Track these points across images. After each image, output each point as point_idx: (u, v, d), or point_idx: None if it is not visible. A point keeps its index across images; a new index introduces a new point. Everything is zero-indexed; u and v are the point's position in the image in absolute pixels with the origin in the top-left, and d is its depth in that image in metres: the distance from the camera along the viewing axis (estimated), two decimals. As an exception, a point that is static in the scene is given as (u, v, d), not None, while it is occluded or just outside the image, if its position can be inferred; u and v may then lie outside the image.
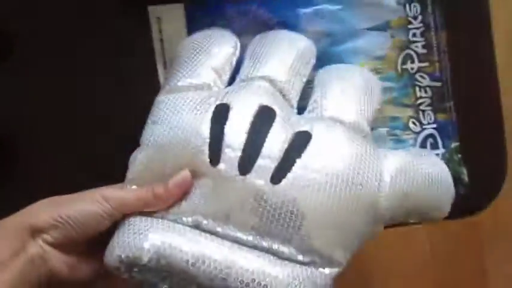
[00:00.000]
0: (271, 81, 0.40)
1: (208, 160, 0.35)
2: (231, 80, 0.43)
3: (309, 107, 0.41)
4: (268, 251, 0.34)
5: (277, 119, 0.36)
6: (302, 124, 0.37)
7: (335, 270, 0.35)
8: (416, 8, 0.49)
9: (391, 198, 0.37)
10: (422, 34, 0.49)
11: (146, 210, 0.35)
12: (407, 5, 0.49)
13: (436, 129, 0.49)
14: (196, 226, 0.35)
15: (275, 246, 0.34)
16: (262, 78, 0.40)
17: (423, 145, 0.49)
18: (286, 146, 0.35)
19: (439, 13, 0.49)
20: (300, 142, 0.36)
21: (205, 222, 0.35)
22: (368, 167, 0.37)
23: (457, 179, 0.48)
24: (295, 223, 0.33)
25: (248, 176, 0.34)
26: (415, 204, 0.39)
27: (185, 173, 0.35)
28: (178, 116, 0.37)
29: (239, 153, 0.35)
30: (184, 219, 0.35)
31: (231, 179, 0.34)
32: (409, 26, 0.49)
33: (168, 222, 0.35)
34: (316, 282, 0.33)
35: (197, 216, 0.35)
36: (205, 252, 0.33)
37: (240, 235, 0.34)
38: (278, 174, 0.34)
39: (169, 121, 0.37)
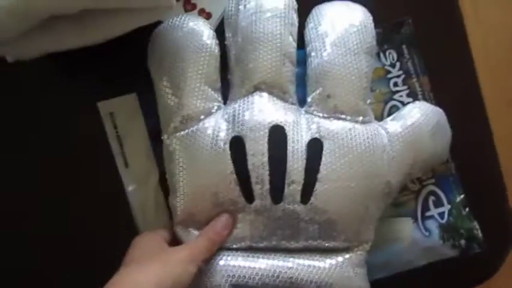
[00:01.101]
0: (266, 85, 0.40)
1: (243, 200, 0.39)
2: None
3: (310, 100, 0.41)
4: (314, 250, 0.40)
5: (289, 136, 0.39)
6: (310, 128, 0.40)
7: (367, 246, 0.41)
8: (392, 55, 0.44)
9: (400, 172, 0.41)
10: (404, 82, 0.44)
11: None
12: (381, 54, 0.44)
13: (436, 184, 0.44)
14: (250, 247, 0.40)
15: (319, 245, 0.40)
16: (258, 87, 0.40)
17: (425, 205, 0.44)
18: (304, 164, 0.39)
19: (417, 57, 0.44)
20: (314, 155, 0.39)
21: (257, 243, 0.40)
22: (376, 156, 0.40)
23: (470, 237, 0.44)
24: (331, 227, 0.39)
25: (281, 204, 0.39)
26: (419, 166, 0.42)
27: (225, 218, 0.39)
28: (198, 162, 0.39)
29: (268, 186, 0.39)
30: (239, 245, 0.40)
31: (268, 209, 0.39)
32: (389, 76, 0.44)
33: (228, 252, 0.39)
34: (356, 260, 0.40)
35: (248, 241, 0.40)
36: (268, 264, 0.39)
37: (288, 245, 0.40)
38: (305, 195, 0.39)
39: (191, 169, 0.40)
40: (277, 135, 0.39)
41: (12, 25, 0.33)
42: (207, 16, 0.44)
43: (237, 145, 0.39)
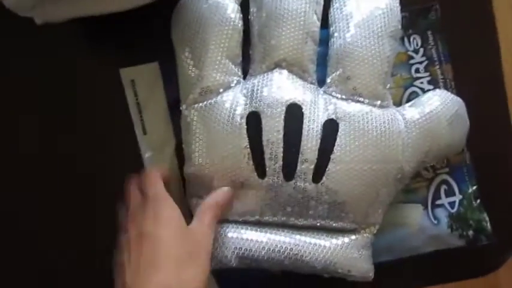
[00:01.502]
0: (287, 63, 0.41)
1: (255, 174, 0.39)
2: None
3: (329, 80, 0.41)
4: (321, 228, 0.41)
5: (305, 115, 0.40)
6: (327, 109, 0.40)
7: (374, 229, 0.41)
8: (416, 41, 0.44)
9: (414, 159, 0.41)
10: (426, 69, 0.44)
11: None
12: (406, 39, 0.44)
13: (450, 174, 0.44)
14: (259, 222, 0.41)
15: (326, 224, 0.40)
16: (279, 64, 0.40)
17: (437, 193, 0.44)
18: (318, 144, 0.39)
19: (441, 44, 0.44)
20: (329, 136, 0.39)
21: (265, 218, 0.41)
22: (391, 141, 0.40)
23: (478, 229, 0.44)
24: (340, 208, 0.40)
25: (293, 181, 0.39)
26: (434, 155, 0.42)
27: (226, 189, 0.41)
28: (214, 134, 0.40)
29: (280, 163, 0.39)
30: (247, 218, 0.41)
31: (279, 186, 0.40)
32: (411, 61, 0.44)
33: (237, 225, 0.41)
34: (362, 242, 0.41)
35: (257, 216, 0.41)
36: (275, 240, 0.40)
37: (297, 222, 0.40)
38: (318, 174, 0.39)
39: (207, 141, 0.40)
40: (294, 113, 0.39)
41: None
42: None
43: (254, 120, 0.39)
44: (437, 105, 0.42)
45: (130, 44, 0.44)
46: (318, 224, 0.40)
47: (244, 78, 0.42)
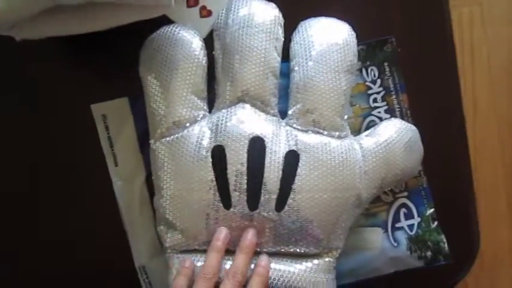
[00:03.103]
0: (249, 97, 0.43)
1: (221, 205, 0.41)
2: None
3: (290, 113, 0.43)
4: (286, 255, 0.42)
5: (268, 147, 0.41)
6: (289, 140, 0.42)
7: (336, 253, 0.43)
8: (373, 72, 0.47)
9: (371, 185, 0.43)
10: (383, 98, 0.47)
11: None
12: (364, 70, 0.46)
13: (408, 197, 0.46)
14: (226, 250, 0.42)
15: (291, 250, 0.42)
16: (242, 99, 0.42)
17: (396, 216, 0.46)
18: (280, 175, 0.41)
19: (397, 75, 0.46)
20: (290, 167, 0.41)
21: (231, 247, 0.42)
22: (348, 170, 0.42)
23: (436, 250, 0.46)
24: (302, 234, 0.42)
25: (257, 211, 0.41)
26: (391, 180, 0.44)
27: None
28: (181, 168, 0.42)
29: (245, 194, 0.41)
30: None
31: (244, 215, 0.41)
32: (369, 92, 0.47)
33: (203, 254, 0.42)
34: (325, 266, 0.43)
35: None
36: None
37: (262, 249, 0.42)
38: (280, 204, 0.41)
39: (175, 174, 0.42)
40: (257, 146, 0.41)
41: (24, 9, 0.36)
42: (208, 14, 0.46)
43: (219, 153, 0.41)
44: (391, 134, 0.44)
45: (100, 79, 0.46)
46: (283, 250, 0.42)
47: (209, 111, 0.44)
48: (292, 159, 0.41)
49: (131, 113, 0.46)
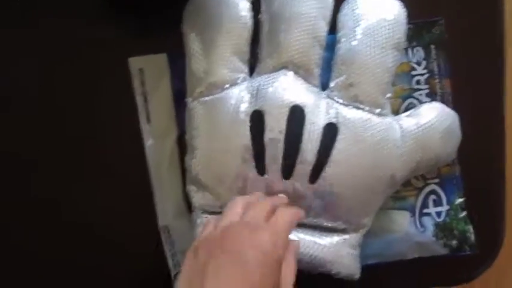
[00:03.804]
0: (294, 65, 0.42)
1: (256, 171, 0.41)
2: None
3: (332, 85, 0.42)
4: (314, 227, 0.42)
5: (307, 117, 0.41)
6: (329, 113, 0.41)
7: (363, 230, 0.43)
8: (419, 53, 0.45)
9: (406, 168, 0.43)
10: (426, 81, 0.45)
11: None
12: (409, 50, 0.45)
13: (439, 184, 0.46)
14: None
15: (319, 223, 0.42)
16: (285, 66, 0.41)
17: (425, 202, 0.46)
18: (318, 147, 0.41)
19: (443, 59, 0.45)
20: (328, 139, 0.41)
21: None
22: (386, 149, 0.41)
23: (462, 239, 0.46)
24: (332, 208, 0.41)
25: (290, 180, 0.41)
26: (425, 165, 0.44)
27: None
28: (217, 129, 0.41)
29: (280, 162, 0.41)
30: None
31: (277, 184, 0.41)
32: (413, 73, 0.45)
33: None
34: (351, 242, 0.42)
35: None
36: None
37: None
38: (314, 175, 0.41)
39: (211, 135, 0.42)
40: (297, 115, 0.40)
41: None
42: None
43: (257, 118, 0.40)
44: (432, 118, 0.43)
45: (140, 33, 0.45)
46: (311, 222, 0.42)
47: (250, 75, 0.43)
48: (330, 131, 0.41)
49: (169, 70, 0.45)
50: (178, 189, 0.45)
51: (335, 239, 0.42)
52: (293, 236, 0.41)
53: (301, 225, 0.42)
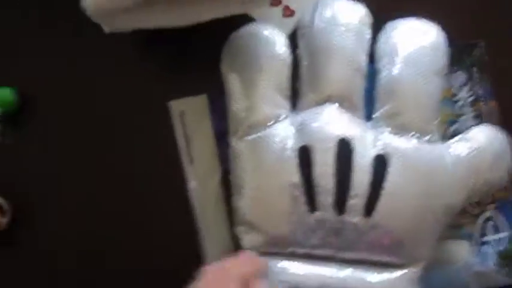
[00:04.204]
0: (337, 98, 0.41)
1: (307, 208, 0.40)
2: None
3: (377, 115, 0.42)
4: (369, 263, 0.40)
5: (355, 150, 0.40)
6: (376, 144, 0.40)
7: (422, 264, 0.41)
8: (461, 77, 0.45)
9: (460, 194, 0.41)
10: (471, 104, 0.44)
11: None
12: (450, 75, 0.44)
13: (497, 210, 0.44)
14: (307, 255, 0.40)
15: (374, 258, 0.40)
16: (329, 99, 0.41)
17: (483, 230, 0.44)
18: (369, 179, 0.40)
19: (486, 81, 0.44)
20: (379, 171, 0.40)
21: (314, 251, 0.40)
22: (439, 177, 0.41)
23: (525, 269, 0.44)
24: (389, 242, 0.40)
25: (343, 215, 0.39)
26: (478, 190, 0.42)
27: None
28: (264, 167, 0.41)
29: (332, 198, 0.39)
30: (295, 251, 0.40)
31: (329, 220, 0.40)
32: (456, 98, 0.44)
33: (284, 258, 0.40)
34: (409, 278, 0.41)
35: (306, 248, 0.40)
36: (324, 274, 0.40)
37: (345, 256, 0.40)
38: (368, 209, 0.40)
39: (258, 174, 0.41)
40: (344, 148, 0.40)
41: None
42: (291, 13, 0.45)
43: (304, 155, 0.40)
44: (482, 141, 0.42)
45: (180, 76, 0.45)
46: (366, 258, 0.40)
47: (292, 111, 0.43)
48: (381, 163, 0.40)
49: (209, 110, 0.45)
50: (225, 230, 0.44)
51: (392, 275, 0.40)
52: (347, 274, 0.40)
53: (354, 262, 0.40)
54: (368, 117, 0.43)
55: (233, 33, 0.43)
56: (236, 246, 0.43)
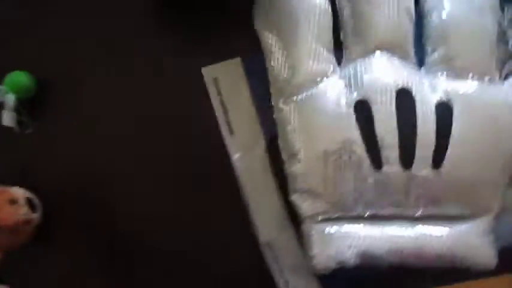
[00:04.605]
0: (388, 45, 0.38)
1: (372, 166, 0.37)
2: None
3: (431, 60, 0.38)
4: (438, 217, 0.38)
5: (417, 99, 0.37)
6: (436, 90, 0.37)
7: (493, 213, 0.39)
8: (511, 12, 0.42)
9: None
10: (522, 40, 0.42)
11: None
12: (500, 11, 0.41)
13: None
14: (374, 216, 0.38)
15: (445, 212, 0.38)
16: (378, 47, 0.38)
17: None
18: (434, 127, 0.37)
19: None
20: (444, 119, 0.37)
21: (381, 211, 0.38)
22: (507, 118, 0.38)
23: None
24: (459, 193, 0.37)
25: (411, 169, 0.37)
26: None
27: None
28: (318, 128, 0.37)
29: (397, 152, 0.37)
30: (361, 213, 0.38)
31: (396, 175, 0.37)
32: (508, 34, 0.41)
33: (351, 221, 0.38)
34: (482, 229, 0.38)
35: (372, 209, 0.38)
36: (394, 235, 0.37)
37: (413, 213, 0.38)
38: (437, 159, 0.37)
39: (312, 135, 0.38)
40: (405, 98, 0.37)
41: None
42: None
43: (362, 109, 0.37)
44: None
45: (208, 40, 0.42)
46: (436, 213, 0.38)
47: (338, 65, 0.40)
48: (444, 110, 0.37)
49: (245, 74, 0.42)
50: (276, 201, 0.42)
51: (462, 227, 0.38)
52: (417, 231, 0.37)
53: (423, 218, 0.38)
54: (419, 63, 0.39)
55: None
56: (290, 215, 0.41)
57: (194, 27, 0.42)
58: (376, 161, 0.36)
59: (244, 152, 0.42)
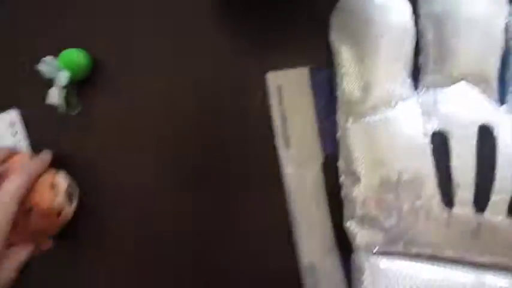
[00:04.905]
0: (473, 77, 0.35)
1: (442, 204, 0.35)
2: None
3: None
4: (503, 268, 0.35)
5: (498, 138, 0.34)
6: None
7: None
8: None
9: None
10: None
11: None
12: None
13: None
14: (434, 256, 0.35)
15: (509, 262, 0.35)
16: (464, 78, 0.35)
17: None
18: None
19: None
20: None
21: (444, 252, 0.35)
22: None
23: None
24: None
25: (484, 213, 0.34)
26: None
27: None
28: (388, 155, 0.35)
29: (472, 193, 0.35)
30: (422, 251, 0.35)
31: (467, 218, 0.34)
32: None
33: (410, 258, 0.35)
34: None
35: (434, 249, 0.35)
36: (453, 280, 0.34)
37: (477, 259, 0.35)
38: None
39: (380, 162, 0.35)
40: (485, 136, 0.34)
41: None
42: None
43: (440, 141, 0.34)
44: None
45: (280, 46, 0.40)
46: (502, 262, 0.35)
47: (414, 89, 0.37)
48: (526, 154, 0.34)
49: (310, 86, 0.40)
50: (326, 223, 0.39)
51: None
52: (478, 279, 0.35)
53: (486, 266, 0.35)
54: (502, 99, 0.37)
55: (344, -4, 0.37)
56: (338, 240, 0.39)
57: (262, 31, 0.40)
58: (447, 199, 0.34)
59: (298, 168, 0.40)
